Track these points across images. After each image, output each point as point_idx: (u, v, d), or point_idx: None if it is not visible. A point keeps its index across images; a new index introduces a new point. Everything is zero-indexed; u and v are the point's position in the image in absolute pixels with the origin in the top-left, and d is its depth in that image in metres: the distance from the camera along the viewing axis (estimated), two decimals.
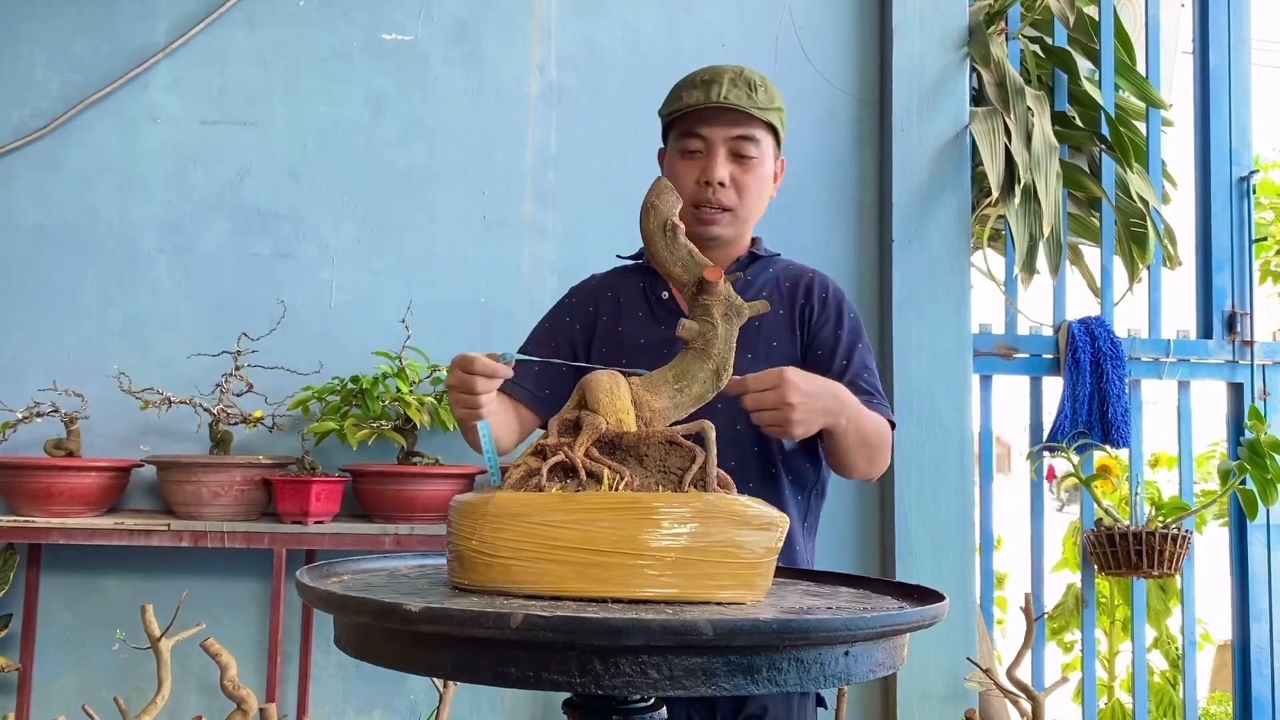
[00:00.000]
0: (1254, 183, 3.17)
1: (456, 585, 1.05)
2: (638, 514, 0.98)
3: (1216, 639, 4.51)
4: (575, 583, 0.97)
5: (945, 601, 1.04)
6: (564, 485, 1.04)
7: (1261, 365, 3.09)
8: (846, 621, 0.89)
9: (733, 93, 1.65)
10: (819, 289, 1.76)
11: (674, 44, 2.98)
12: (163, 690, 2.00)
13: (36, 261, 2.78)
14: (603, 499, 1.00)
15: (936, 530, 2.80)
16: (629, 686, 0.84)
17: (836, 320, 1.74)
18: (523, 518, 0.99)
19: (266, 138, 2.86)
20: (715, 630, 0.82)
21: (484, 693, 2.77)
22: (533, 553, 0.98)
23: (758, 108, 1.67)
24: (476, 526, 1.01)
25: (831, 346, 1.72)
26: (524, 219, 2.90)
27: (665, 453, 1.08)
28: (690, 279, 1.16)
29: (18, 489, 2.49)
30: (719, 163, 1.68)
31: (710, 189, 1.68)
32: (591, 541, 0.97)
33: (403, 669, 0.95)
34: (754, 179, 1.71)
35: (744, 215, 1.73)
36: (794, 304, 1.74)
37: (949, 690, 2.75)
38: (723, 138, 1.68)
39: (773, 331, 1.71)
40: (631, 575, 0.97)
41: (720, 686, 0.85)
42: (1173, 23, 3.46)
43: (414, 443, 2.63)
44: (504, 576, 0.99)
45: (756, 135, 1.69)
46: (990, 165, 2.75)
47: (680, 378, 1.14)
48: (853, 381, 1.67)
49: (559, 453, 1.06)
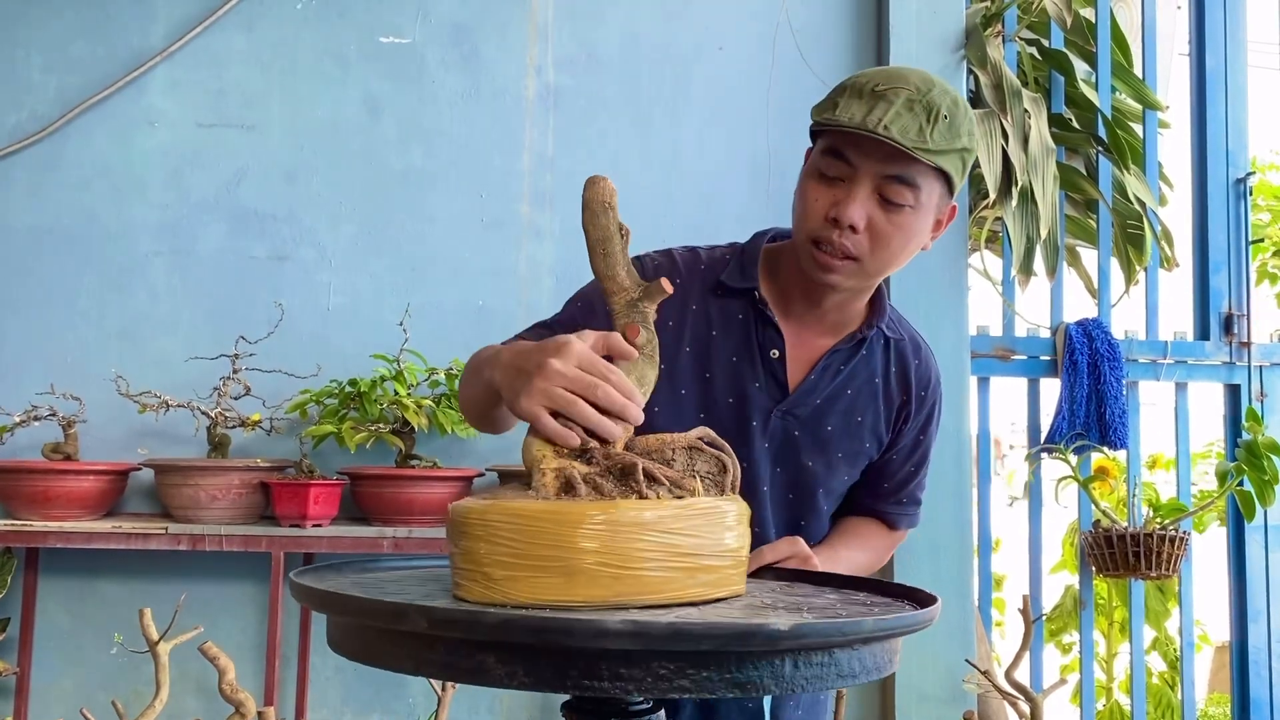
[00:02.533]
0: (1251, 184, 3.18)
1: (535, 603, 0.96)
2: (718, 519, 1.01)
3: (1214, 640, 4.51)
4: (693, 589, 0.99)
5: (936, 605, 1.04)
6: (603, 491, 1.00)
7: (1259, 366, 3.09)
8: (841, 626, 0.90)
9: (898, 122, 1.26)
10: (919, 386, 1.52)
11: (671, 46, 2.98)
12: (161, 694, 1.99)
13: (34, 264, 2.78)
14: (703, 505, 1.01)
15: (934, 532, 2.80)
16: (605, 689, 0.85)
17: (925, 425, 1.56)
18: (646, 526, 0.96)
19: (264, 140, 2.86)
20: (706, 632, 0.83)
21: (482, 695, 2.76)
22: (659, 561, 0.97)
23: (927, 150, 1.27)
24: (596, 535, 0.94)
25: (909, 452, 1.56)
26: (521, 221, 2.90)
27: (690, 458, 1.08)
28: (633, 284, 1.14)
29: (15, 493, 2.48)
30: (858, 201, 1.30)
31: (838, 230, 1.31)
32: (701, 548, 0.99)
33: (372, 663, 0.96)
34: (899, 232, 1.32)
35: (872, 270, 1.36)
36: (894, 397, 1.51)
37: (947, 692, 2.75)
38: (873, 171, 1.30)
39: (864, 409, 1.49)
40: (721, 578, 1.01)
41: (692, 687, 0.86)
42: (1169, 25, 3.46)
43: (412, 445, 2.63)
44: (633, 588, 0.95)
45: (918, 181, 1.30)
46: (987, 167, 2.75)
47: (641, 382, 1.12)
48: (911, 493, 1.60)
49: (637, 460, 1.02)
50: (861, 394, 1.49)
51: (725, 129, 2.97)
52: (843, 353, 1.46)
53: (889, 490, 1.59)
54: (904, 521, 1.63)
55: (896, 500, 1.60)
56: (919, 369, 1.53)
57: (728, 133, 2.97)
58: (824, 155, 1.34)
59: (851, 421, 1.49)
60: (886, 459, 1.55)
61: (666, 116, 2.97)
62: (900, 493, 1.60)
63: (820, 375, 1.46)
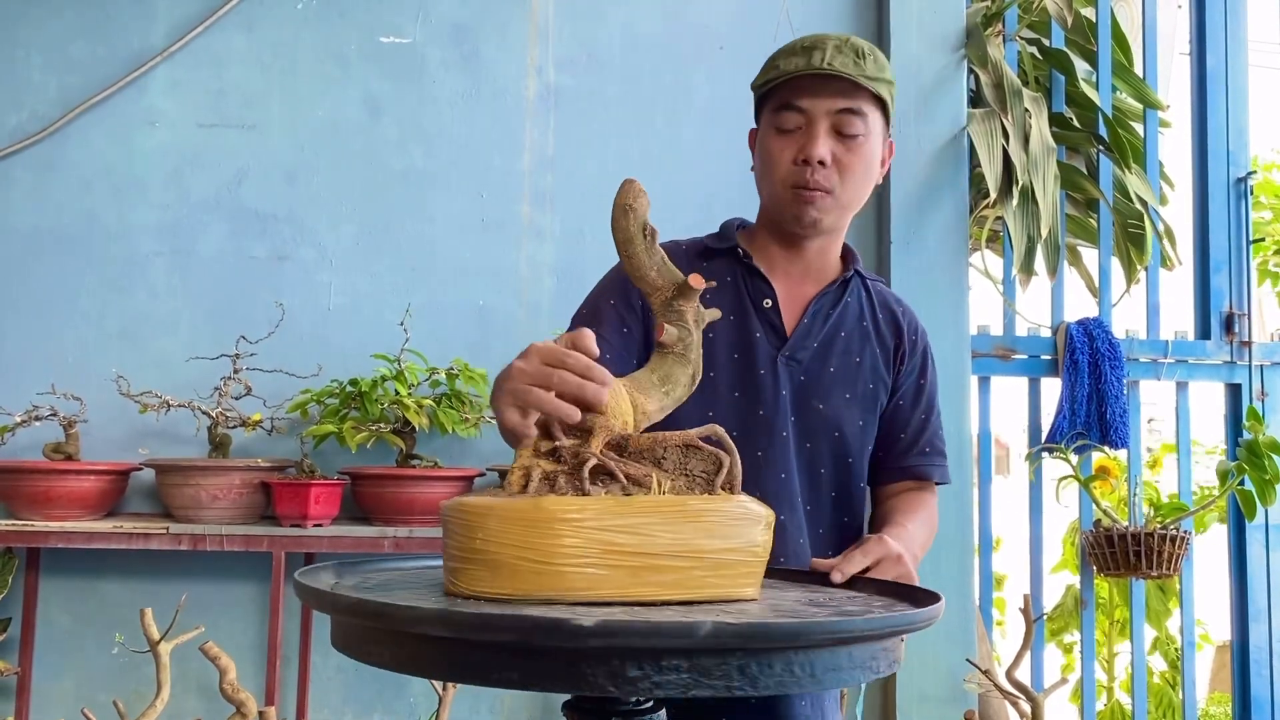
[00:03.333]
0: (1251, 183, 3.17)
1: (475, 595, 1.00)
2: (687, 517, 0.99)
3: (1215, 639, 4.51)
4: (632, 588, 0.97)
5: (940, 603, 1.03)
6: (556, 489, 1.02)
7: (1259, 366, 3.09)
8: (827, 625, 0.89)
9: (838, 59, 1.46)
10: (909, 330, 1.63)
11: (671, 46, 2.98)
12: (162, 693, 2.00)
13: (34, 265, 2.78)
14: (655, 503, 1.00)
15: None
16: (589, 688, 0.84)
17: (921, 369, 1.64)
18: (579, 523, 0.96)
19: (264, 140, 2.86)
20: (718, 632, 0.82)
21: (483, 696, 2.76)
22: (591, 559, 0.96)
23: (866, 77, 1.46)
24: (526, 533, 0.97)
25: (913, 398, 1.63)
26: (522, 221, 2.90)
27: (684, 456, 1.08)
28: (664, 283, 1.15)
29: (16, 493, 2.48)
30: (820, 138, 1.47)
31: (810, 169, 1.48)
32: (647, 546, 0.98)
33: (361, 659, 0.96)
34: (859, 159, 1.49)
35: (845, 201, 1.52)
36: (886, 340, 1.62)
37: (948, 691, 2.75)
38: (825, 110, 1.47)
39: (870, 371, 1.59)
40: (683, 578, 0.99)
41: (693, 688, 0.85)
42: (1170, 24, 3.46)
43: (413, 445, 2.63)
44: (559, 585, 0.96)
45: (864, 109, 1.48)
46: (988, 167, 2.75)
47: (665, 380, 1.13)
48: (930, 441, 1.63)
49: (591, 456, 1.03)
50: (854, 335, 1.59)
51: (725, 129, 2.96)
52: (829, 295, 1.58)
53: (908, 442, 1.63)
54: (935, 472, 1.64)
55: (920, 451, 1.63)
56: (905, 314, 1.65)
57: (727, 133, 2.96)
58: (777, 113, 1.51)
59: (850, 363, 1.57)
60: (895, 406, 1.61)
61: (666, 116, 2.97)
62: (920, 441, 1.63)
63: (813, 320, 1.56)
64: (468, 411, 2.65)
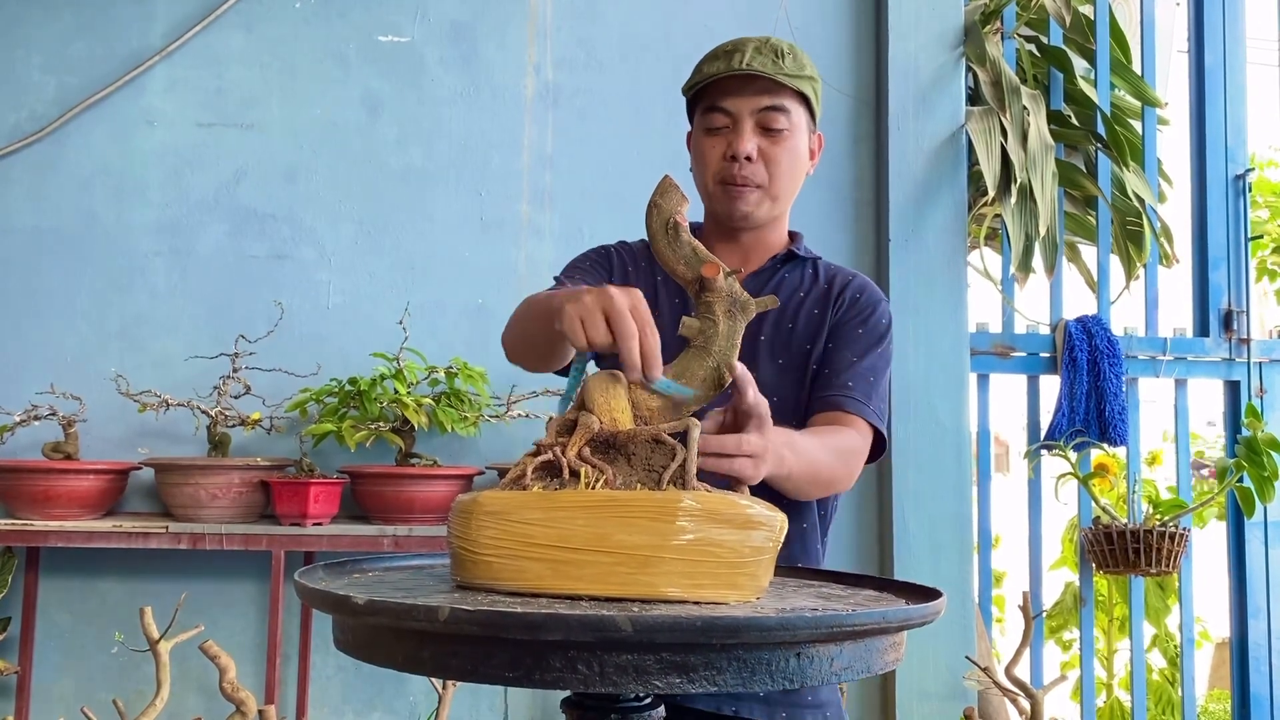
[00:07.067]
0: (1250, 181, 3.18)
1: (457, 584, 1.07)
2: (611, 512, 0.99)
3: (1215, 636, 4.51)
4: (551, 580, 0.99)
5: (941, 599, 1.03)
6: (546, 484, 1.05)
7: (1258, 363, 3.09)
8: (782, 621, 0.86)
9: (757, 60, 1.53)
10: (854, 290, 1.63)
11: (669, 44, 2.98)
12: (162, 692, 2.00)
13: (33, 264, 2.78)
14: (577, 497, 1.01)
15: (934, 529, 2.81)
16: (560, 682, 0.86)
17: (861, 321, 1.60)
18: (502, 516, 1.01)
19: (263, 140, 2.86)
20: (634, 626, 0.82)
21: (483, 694, 2.77)
22: (512, 550, 1.01)
23: (785, 74, 1.54)
24: (465, 525, 1.04)
25: (845, 341, 1.58)
26: (521, 220, 2.90)
27: (650, 450, 1.07)
28: (694, 276, 1.16)
29: (16, 492, 2.49)
30: (745, 135, 1.55)
31: (737, 164, 1.56)
32: (566, 540, 0.99)
33: (353, 655, 0.99)
34: (785, 152, 1.57)
35: (776, 193, 1.59)
36: (828, 303, 1.62)
37: (948, 688, 2.76)
38: (749, 109, 1.56)
39: (805, 333, 1.60)
40: (605, 573, 0.98)
41: (653, 684, 0.85)
42: (1168, 21, 3.46)
43: (412, 444, 2.64)
44: (487, 574, 1.02)
45: (786, 105, 1.56)
46: (986, 164, 2.75)
47: (680, 375, 1.14)
48: (857, 383, 1.54)
49: (547, 452, 1.06)
50: (789, 306, 1.63)
51: None
52: (764, 274, 1.65)
53: (830, 376, 1.57)
54: (850, 404, 1.54)
55: (842, 385, 1.55)
56: (844, 276, 1.66)
57: None
58: (706, 114, 1.60)
59: (783, 329, 1.61)
60: (825, 349, 1.59)
61: (666, 116, 2.97)
62: (843, 377, 1.56)
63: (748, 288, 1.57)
64: (467, 410, 2.65)
